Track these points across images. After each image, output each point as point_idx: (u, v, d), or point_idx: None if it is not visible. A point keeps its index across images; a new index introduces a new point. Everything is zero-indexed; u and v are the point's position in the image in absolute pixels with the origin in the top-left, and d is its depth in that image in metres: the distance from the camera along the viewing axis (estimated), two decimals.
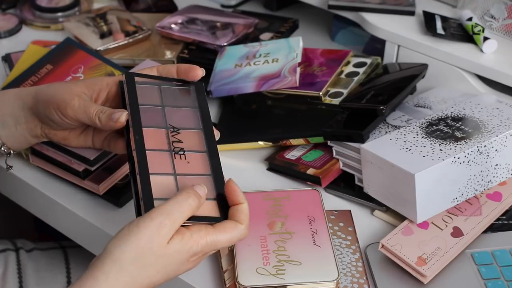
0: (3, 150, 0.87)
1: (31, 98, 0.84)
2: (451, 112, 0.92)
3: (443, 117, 0.91)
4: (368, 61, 1.10)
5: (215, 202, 0.75)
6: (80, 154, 0.90)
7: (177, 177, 0.76)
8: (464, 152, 0.84)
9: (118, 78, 0.83)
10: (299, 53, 1.07)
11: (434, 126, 0.90)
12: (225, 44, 1.14)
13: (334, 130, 0.93)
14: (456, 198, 0.86)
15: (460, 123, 0.89)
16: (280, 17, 1.26)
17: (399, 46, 1.10)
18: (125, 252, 0.69)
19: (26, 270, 1.05)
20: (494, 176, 0.88)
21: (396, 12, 1.13)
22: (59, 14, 1.28)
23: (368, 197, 0.91)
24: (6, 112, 0.86)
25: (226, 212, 0.74)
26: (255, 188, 0.90)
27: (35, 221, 1.41)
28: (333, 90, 1.04)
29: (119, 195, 0.93)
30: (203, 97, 0.83)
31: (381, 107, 0.92)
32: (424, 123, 0.91)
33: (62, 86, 0.82)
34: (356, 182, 0.94)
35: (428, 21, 1.09)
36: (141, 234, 0.69)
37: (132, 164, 0.77)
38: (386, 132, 0.94)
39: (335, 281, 0.78)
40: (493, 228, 0.87)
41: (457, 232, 0.84)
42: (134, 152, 0.76)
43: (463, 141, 0.85)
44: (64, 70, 1.06)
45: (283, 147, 1.01)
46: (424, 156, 0.84)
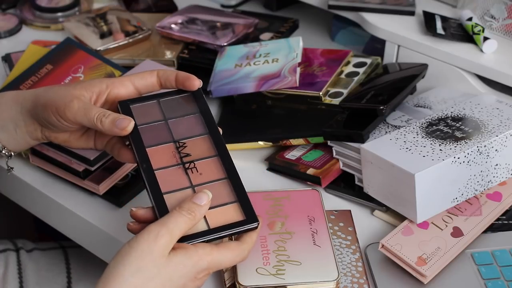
0: (4, 153, 0.87)
1: (30, 103, 0.83)
2: (451, 112, 0.92)
3: (443, 117, 0.91)
4: (368, 61, 1.10)
5: (238, 205, 0.74)
6: (80, 154, 0.90)
7: (195, 189, 0.75)
8: (464, 152, 0.84)
9: (118, 80, 0.82)
10: (299, 53, 1.07)
11: (434, 126, 0.90)
12: (225, 44, 1.14)
13: (334, 130, 0.93)
14: (456, 198, 0.86)
15: (460, 123, 0.89)
16: (280, 17, 1.26)
17: (399, 46, 1.10)
18: (126, 266, 0.69)
19: (27, 270, 1.05)
20: (494, 176, 0.88)
21: (396, 12, 1.13)
22: (59, 14, 1.28)
23: (368, 197, 0.91)
24: (5, 117, 0.85)
25: (251, 213, 0.73)
26: (255, 188, 0.90)
27: (35, 221, 1.41)
28: (333, 90, 1.04)
29: (119, 195, 0.92)
30: (203, 101, 0.83)
31: (381, 107, 0.92)
32: (424, 123, 0.91)
33: (61, 89, 0.81)
34: (356, 182, 0.94)
35: (428, 21, 1.09)
36: (140, 246, 0.69)
37: (144, 185, 0.76)
38: (386, 132, 0.94)
39: (335, 281, 0.78)
40: (493, 228, 0.87)
41: (457, 232, 0.84)
42: (144, 177, 0.76)
43: (463, 141, 0.85)
44: (64, 70, 1.06)
45: (283, 147, 1.01)
46: (424, 156, 0.84)
